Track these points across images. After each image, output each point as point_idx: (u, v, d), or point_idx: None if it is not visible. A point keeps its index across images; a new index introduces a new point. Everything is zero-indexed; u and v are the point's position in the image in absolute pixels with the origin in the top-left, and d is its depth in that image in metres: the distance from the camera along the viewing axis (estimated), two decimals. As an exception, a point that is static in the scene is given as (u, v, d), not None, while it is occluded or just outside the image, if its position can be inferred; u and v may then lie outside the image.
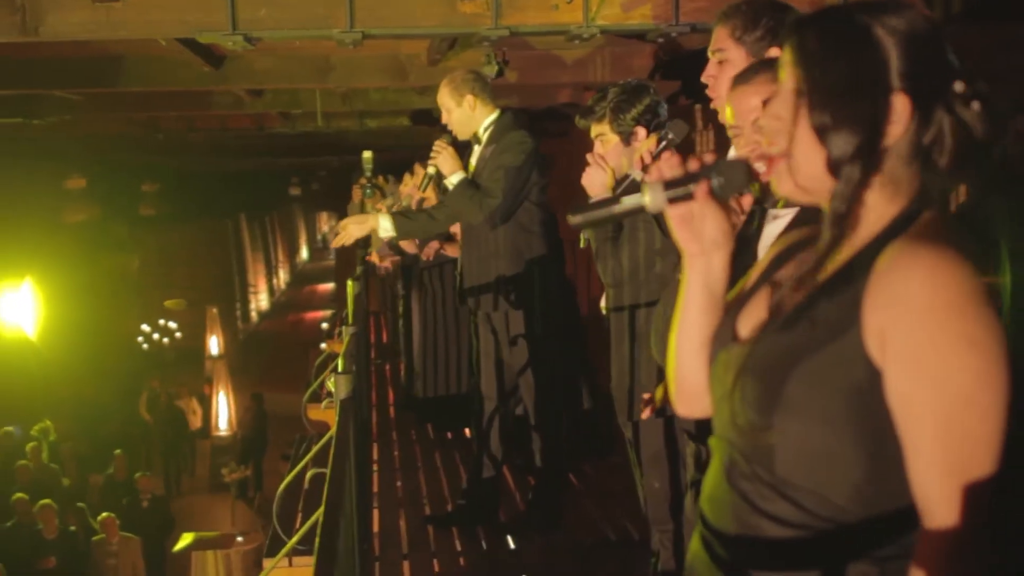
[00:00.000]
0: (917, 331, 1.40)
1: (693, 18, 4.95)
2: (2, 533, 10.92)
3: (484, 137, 4.92)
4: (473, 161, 5.00)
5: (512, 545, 5.06)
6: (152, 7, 4.61)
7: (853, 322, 1.46)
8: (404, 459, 6.73)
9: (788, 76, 1.58)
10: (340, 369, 4.06)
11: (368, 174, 9.39)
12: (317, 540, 2.56)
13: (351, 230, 4.97)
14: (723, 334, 1.70)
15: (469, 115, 4.91)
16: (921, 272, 1.41)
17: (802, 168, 1.56)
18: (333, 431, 4.29)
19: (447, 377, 7.23)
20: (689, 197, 1.66)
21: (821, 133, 1.52)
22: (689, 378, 1.79)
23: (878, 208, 1.53)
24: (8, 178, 14.53)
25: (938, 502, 1.41)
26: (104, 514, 11.23)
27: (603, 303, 4.01)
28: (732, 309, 1.73)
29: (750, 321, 1.65)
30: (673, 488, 3.81)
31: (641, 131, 3.77)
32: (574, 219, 1.74)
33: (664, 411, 3.59)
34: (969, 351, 1.39)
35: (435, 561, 4.96)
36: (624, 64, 7.34)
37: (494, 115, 4.94)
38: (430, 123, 10.85)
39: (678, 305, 1.79)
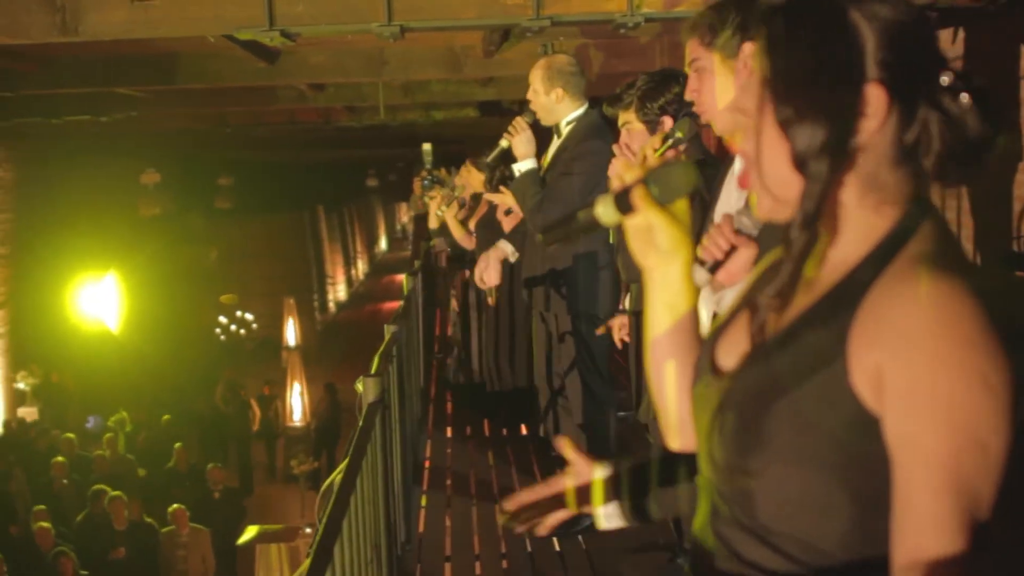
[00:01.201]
0: (924, 367, 1.24)
1: (742, 4, 4.80)
2: (78, 524, 11.13)
3: (565, 132, 4.82)
4: (550, 153, 4.91)
5: (557, 547, 4.97)
6: (189, 4, 4.60)
7: (838, 355, 1.30)
8: (456, 457, 6.65)
9: (757, 66, 1.43)
10: (373, 370, 3.99)
11: (428, 166, 9.35)
12: (313, 546, 2.50)
13: (489, 277, 5.10)
14: (702, 364, 1.56)
15: (553, 105, 4.79)
16: (924, 303, 1.25)
17: (769, 169, 1.40)
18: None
19: (503, 372, 7.14)
20: (634, 207, 1.57)
21: (785, 126, 1.36)
22: (671, 409, 1.68)
23: (864, 221, 1.37)
24: (86, 174, 14.82)
25: (933, 552, 1.24)
26: (175, 505, 11.36)
27: (626, 303, 3.91)
28: (712, 335, 1.59)
29: (730, 350, 1.51)
30: None
31: (668, 121, 3.64)
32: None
33: None
34: (984, 393, 1.22)
35: (477, 564, 4.88)
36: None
37: (580, 110, 4.82)
38: (497, 114, 10.83)
39: (645, 329, 1.68)
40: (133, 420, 15.70)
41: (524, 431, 7.05)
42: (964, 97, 1.32)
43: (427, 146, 9.42)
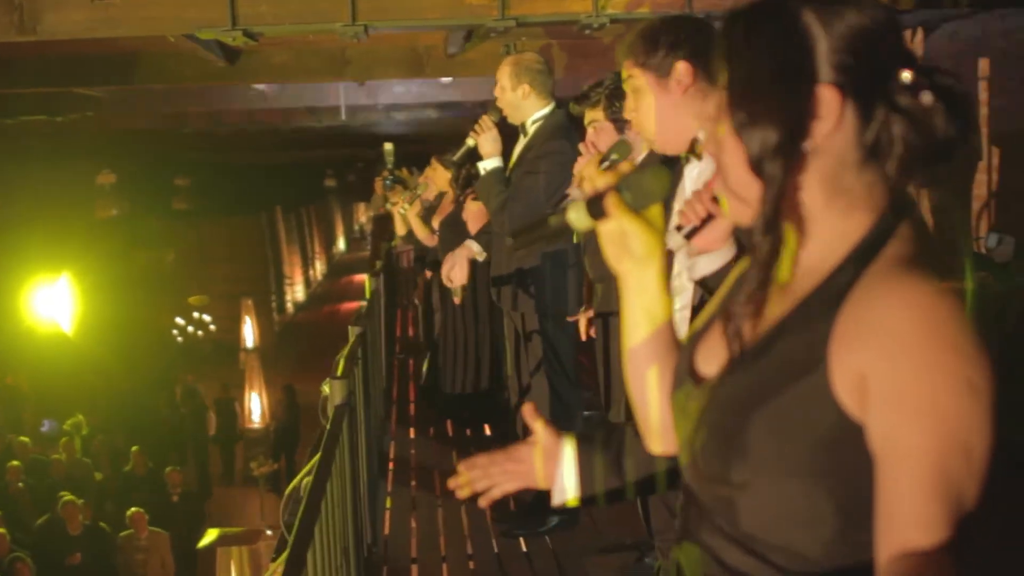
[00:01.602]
0: (910, 370, 1.23)
1: (706, 5, 4.83)
2: (36, 529, 10.99)
3: (531, 131, 4.80)
4: (516, 152, 4.90)
5: (524, 548, 4.97)
6: (151, 4, 4.56)
7: (819, 362, 1.29)
8: (420, 458, 6.64)
9: (721, 74, 1.42)
10: (339, 373, 3.97)
11: (389, 166, 9.32)
12: (287, 553, 2.48)
13: (456, 275, 5.07)
14: (681, 371, 1.56)
15: (520, 102, 4.76)
16: (907, 307, 1.24)
17: (730, 173, 1.40)
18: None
19: (467, 373, 7.13)
20: (606, 212, 1.56)
21: (739, 130, 1.36)
22: (651, 414, 1.66)
23: (834, 225, 1.36)
24: (41, 176, 14.63)
25: (918, 550, 1.23)
26: (133, 509, 11.24)
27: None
28: (690, 342, 1.58)
29: (709, 357, 1.50)
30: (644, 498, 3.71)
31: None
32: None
33: None
34: (970, 396, 1.22)
35: (444, 565, 4.87)
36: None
37: (546, 109, 4.79)
38: (458, 114, 10.82)
39: (623, 335, 1.67)
40: (89, 423, 15.52)
41: (488, 431, 7.05)
42: (926, 96, 1.30)
43: (388, 146, 9.40)
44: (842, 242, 1.36)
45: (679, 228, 2.26)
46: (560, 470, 1.94)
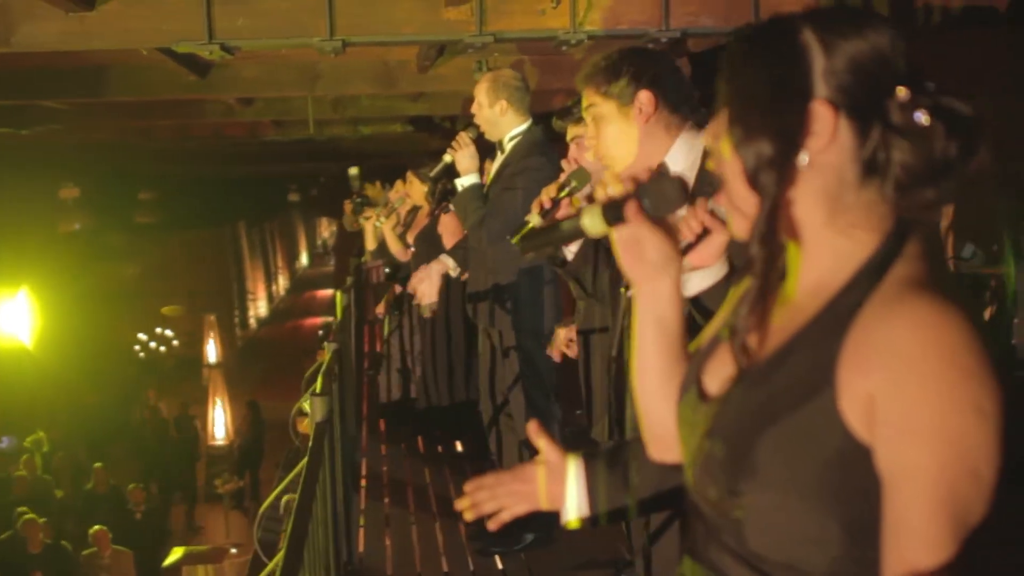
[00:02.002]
0: (917, 393, 1.23)
1: (683, 23, 4.85)
2: (-1, 545, 10.84)
3: (508, 148, 4.79)
4: (493, 169, 4.89)
5: (500, 565, 4.94)
6: (127, 17, 4.50)
7: (827, 383, 1.29)
8: (393, 475, 6.60)
9: (721, 93, 1.45)
10: (318, 389, 3.93)
11: (357, 188, 9.29)
12: (279, 570, 2.45)
13: (424, 290, 5.03)
14: (688, 385, 1.55)
15: (497, 119, 4.75)
16: (914, 330, 1.24)
17: (732, 189, 1.42)
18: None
19: (438, 388, 7.10)
20: (624, 219, 1.56)
21: (737, 146, 1.39)
22: (656, 421, 1.66)
23: (836, 243, 1.37)
24: (3, 189, 14.44)
25: (925, 571, 1.24)
26: (96, 527, 11.10)
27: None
28: (697, 356, 1.58)
29: (715, 373, 1.50)
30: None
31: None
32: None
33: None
34: (977, 418, 1.22)
35: (420, 582, 4.84)
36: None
37: (523, 126, 4.79)
38: (427, 129, 10.80)
39: (632, 343, 1.67)
40: (50, 440, 15.32)
41: (460, 448, 7.02)
42: (921, 115, 1.30)
43: (354, 171, 9.37)
44: (847, 261, 1.36)
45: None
46: (566, 490, 1.93)
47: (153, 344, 22.25)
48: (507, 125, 4.77)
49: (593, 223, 1.58)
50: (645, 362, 1.66)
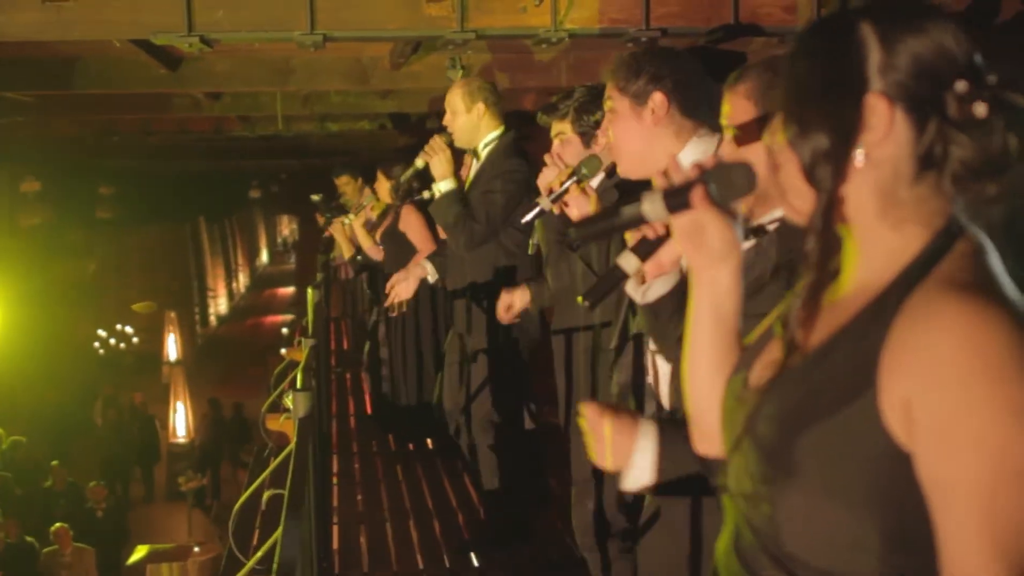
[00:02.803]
0: (951, 402, 1.20)
1: (664, 22, 4.84)
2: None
3: (483, 154, 4.80)
4: (471, 175, 4.89)
5: (476, 563, 4.94)
6: (105, 7, 4.43)
7: (868, 385, 1.26)
8: (365, 472, 6.57)
9: (780, 87, 1.45)
10: (299, 385, 3.91)
11: (321, 208, 9.26)
12: (275, 565, 2.43)
13: (400, 290, 4.99)
14: (735, 375, 1.54)
15: (475, 124, 4.77)
16: (952, 331, 1.21)
17: (789, 183, 1.42)
18: (291, 447, 4.15)
19: (408, 387, 7.07)
20: (688, 205, 1.54)
21: (792, 140, 1.39)
22: (703, 412, 1.64)
23: (888, 240, 1.35)
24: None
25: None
26: (57, 524, 10.97)
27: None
28: (749, 349, 1.57)
29: (765, 366, 1.47)
30: (598, 514, 3.71)
31: (601, 135, 3.66)
32: (574, 233, 1.65)
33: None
34: (1018, 425, 1.18)
35: (396, 580, 4.83)
36: (590, 69, 7.22)
37: (497, 132, 4.82)
38: (396, 127, 10.75)
39: (687, 329, 1.65)
40: (9, 437, 15.12)
41: (431, 445, 7.01)
42: (979, 107, 1.28)
43: (315, 197, 9.36)
44: (896, 258, 1.34)
45: (633, 249, 2.26)
46: (635, 452, 1.96)
47: (113, 341, 22.02)
48: (484, 130, 4.80)
49: (654, 209, 1.56)
50: (698, 352, 1.64)
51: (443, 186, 4.74)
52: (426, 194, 5.51)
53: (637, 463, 2.02)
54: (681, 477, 2.01)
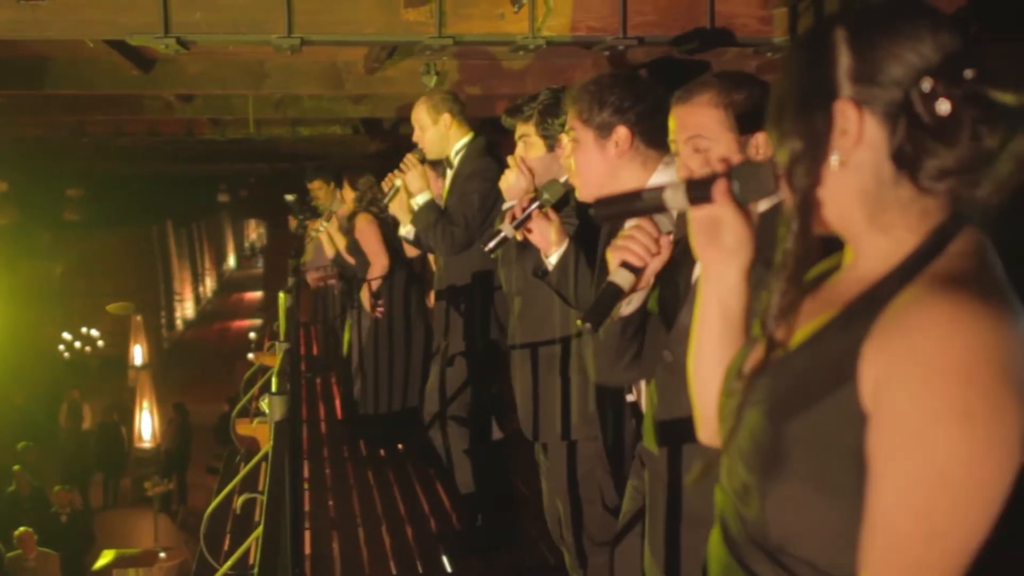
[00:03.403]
0: (906, 391, 1.19)
1: (640, 31, 4.87)
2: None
3: (456, 161, 4.85)
4: (446, 185, 4.93)
5: (449, 568, 4.93)
6: (82, 7, 4.40)
7: (850, 376, 1.27)
8: (336, 478, 6.55)
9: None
10: (274, 389, 3.89)
11: (296, 210, 9.25)
12: (255, 570, 2.42)
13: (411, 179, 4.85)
14: (729, 373, 1.55)
15: (444, 134, 4.84)
16: (932, 327, 1.20)
17: (784, 194, 1.44)
18: (264, 451, 4.13)
19: (379, 394, 7.05)
20: (709, 199, 1.56)
21: (775, 148, 1.44)
22: (708, 407, 1.65)
23: (879, 242, 1.36)
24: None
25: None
26: (21, 528, 10.85)
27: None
28: (744, 348, 1.58)
29: (752, 361, 1.48)
30: (575, 520, 3.72)
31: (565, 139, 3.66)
32: (598, 212, 1.66)
33: (568, 434, 3.56)
34: (960, 426, 1.16)
35: (369, 585, 4.81)
36: (563, 76, 7.24)
37: (467, 138, 4.88)
38: (367, 132, 10.74)
39: (694, 323, 1.67)
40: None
41: (402, 451, 6.99)
42: (941, 105, 1.27)
43: (290, 197, 9.34)
44: (888, 258, 1.35)
45: (627, 265, 2.27)
46: None
47: (78, 344, 21.82)
48: (453, 139, 4.87)
49: (675, 198, 1.58)
50: (703, 347, 1.65)
51: (420, 199, 4.78)
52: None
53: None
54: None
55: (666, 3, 4.86)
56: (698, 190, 1.57)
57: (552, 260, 3.29)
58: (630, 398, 3.24)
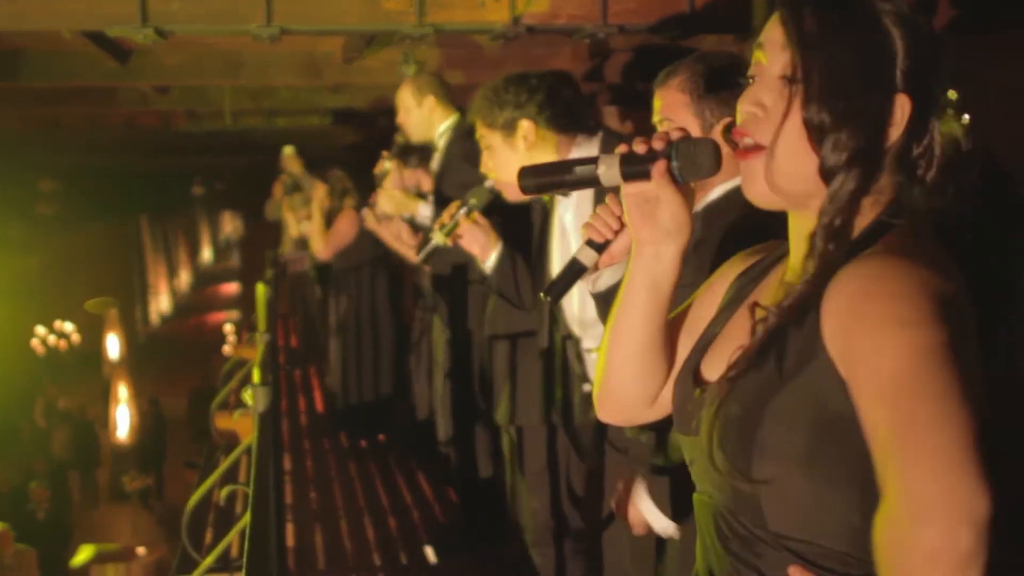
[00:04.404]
0: (851, 328, 1.23)
1: (621, 19, 4.87)
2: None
3: (441, 143, 4.85)
4: (435, 167, 4.91)
5: (432, 560, 4.92)
6: (58, -3, 4.37)
7: (817, 349, 1.29)
8: (318, 470, 6.53)
9: (773, 59, 1.39)
10: (256, 380, 3.87)
11: (290, 170, 9.20)
12: (244, 561, 2.40)
13: (383, 204, 4.88)
14: (685, 379, 1.53)
15: (427, 117, 4.86)
16: (862, 279, 1.26)
17: (785, 168, 1.38)
18: (246, 443, 4.11)
19: (361, 384, 7.04)
20: (646, 176, 1.50)
21: (818, 132, 1.34)
22: (617, 385, 1.64)
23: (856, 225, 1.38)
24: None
25: (895, 485, 1.15)
26: (-3, 525, 10.75)
27: None
28: (695, 351, 1.56)
29: (719, 360, 1.46)
30: (554, 508, 3.73)
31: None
32: (523, 182, 1.61)
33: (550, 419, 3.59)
34: (899, 330, 1.19)
35: (353, 577, 4.80)
36: (544, 65, 7.21)
37: (451, 120, 4.87)
38: (347, 123, 10.71)
39: (617, 300, 1.64)
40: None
41: (384, 441, 6.98)
42: (966, 117, 1.35)
43: (289, 149, 9.24)
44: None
45: (590, 243, 2.27)
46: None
47: (53, 338, 21.63)
48: (437, 121, 4.86)
49: (609, 174, 1.52)
50: (626, 324, 1.62)
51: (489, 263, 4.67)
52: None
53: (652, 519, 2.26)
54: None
55: (646, -9, 4.87)
56: (633, 166, 1.51)
57: (489, 264, 3.35)
58: (587, 387, 3.27)
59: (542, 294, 2.13)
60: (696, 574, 1.53)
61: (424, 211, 4.83)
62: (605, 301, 2.47)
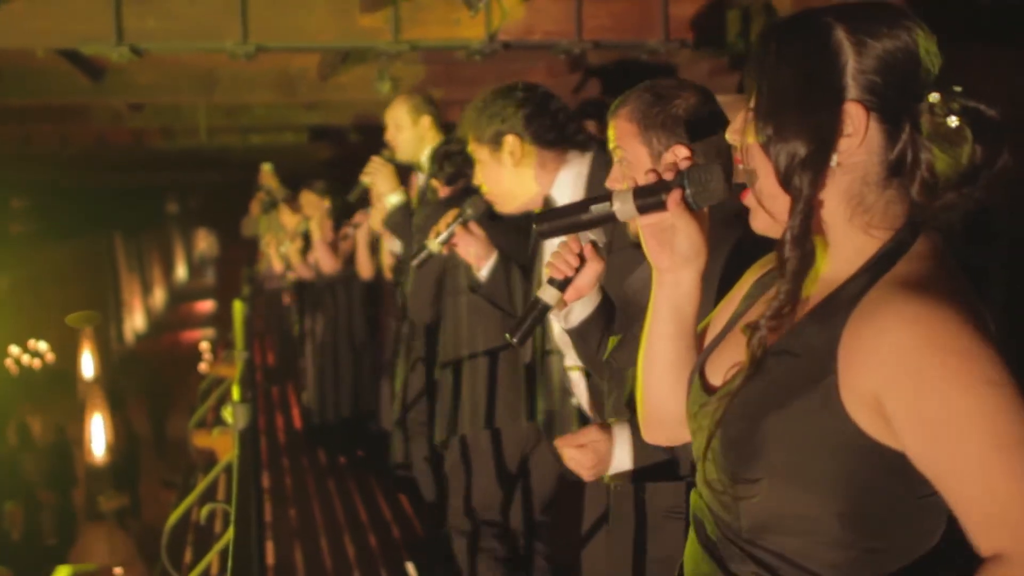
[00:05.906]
0: (921, 389, 1.25)
1: (595, 35, 4.90)
2: None
3: (427, 165, 4.83)
4: (420, 184, 4.91)
5: (413, 574, 4.91)
6: (33, 16, 4.36)
7: (827, 373, 1.31)
8: (296, 487, 6.50)
9: (749, 92, 1.45)
10: (236, 398, 3.86)
11: (268, 187, 9.16)
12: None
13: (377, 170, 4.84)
14: (693, 383, 1.56)
15: (420, 136, 4.81)
16: (910, 326, 1.26)
17: (762, 188, 1.42)
18: (225, 461, 4.10)
19: (339, 400, 7.02)
20: (661, 207, 1.54)
21: (766, 145, 1.39)
22: (656, 405, 1.68)
23: (853, 241, 1.39)
24: None
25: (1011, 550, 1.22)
26: (-28, 548, 10.66)
27: None
28: (703, 353, 1.59)
29: (722, 368, 1.51)
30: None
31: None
32: (539, 227, 1.65)
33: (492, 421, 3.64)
34: (991, 391, 1.23)
35: (334, 594, 4.79)
36: (520, 80, 7.25)
37: (440, 142, 4.85)
38: (322, 140, 10.70)
39: (645, 326, 1.67)
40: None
41: (361, 458, 6.96)
42: (952, 120, 1.32)
43: (267, 166, 9.20)
44: (857, 257, 1.39)
45: (551, 281, 2.28)
46: (616, 448, 2.20)
47: (26, 358, 21.46)
48: (428, 142, 4.83)
49: (624, 209, 1.56)
50: (655, 349, 1.65)
51: (393, 199, 4.72)
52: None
53: (617, 455, 2.21)
54: (651, 465, 2.21)
55: (620, 7, 4.90)
56: (647, 198, 1.55)
57: (483, 273, 3.37)
58: (573, 401, 3.30)
59: (507, 335, 2.15)
60: (680, 567, 1.56)
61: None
62: (580, 336, 2.49)
